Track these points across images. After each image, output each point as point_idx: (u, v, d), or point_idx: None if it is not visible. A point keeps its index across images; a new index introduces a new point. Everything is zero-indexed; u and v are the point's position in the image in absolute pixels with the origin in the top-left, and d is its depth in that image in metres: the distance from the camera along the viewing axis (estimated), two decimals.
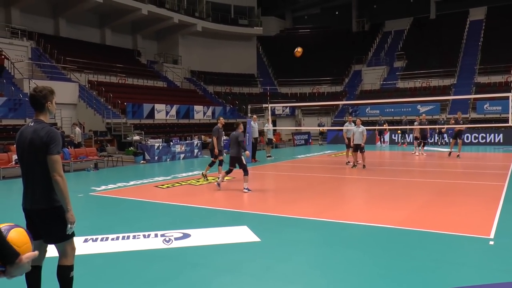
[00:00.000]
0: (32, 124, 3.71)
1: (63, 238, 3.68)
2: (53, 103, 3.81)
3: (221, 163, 12.80)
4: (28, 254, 2.17)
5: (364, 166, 15.36)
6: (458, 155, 18.48)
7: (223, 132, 13.74)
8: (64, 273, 3.74)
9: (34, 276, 3.72)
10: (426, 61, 39.15)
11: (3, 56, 24.48)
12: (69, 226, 3.64)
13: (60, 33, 32.91)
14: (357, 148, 15.49)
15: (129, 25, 37.63)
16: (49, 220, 3.62)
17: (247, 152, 11.12)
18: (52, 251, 3.95)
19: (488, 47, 38.21)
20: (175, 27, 38.03)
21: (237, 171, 11.46)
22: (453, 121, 19.12)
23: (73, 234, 3.77)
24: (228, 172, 11.30)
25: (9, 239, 2.15)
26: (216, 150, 12.80)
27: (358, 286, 4.55)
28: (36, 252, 2.26)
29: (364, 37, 47.13)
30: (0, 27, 27.96)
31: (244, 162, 10.85)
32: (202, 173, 13.26)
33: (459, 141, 19.13)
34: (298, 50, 8.02)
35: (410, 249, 5.83)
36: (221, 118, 14.23)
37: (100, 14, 35.36)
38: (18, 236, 2.26)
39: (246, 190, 10.68)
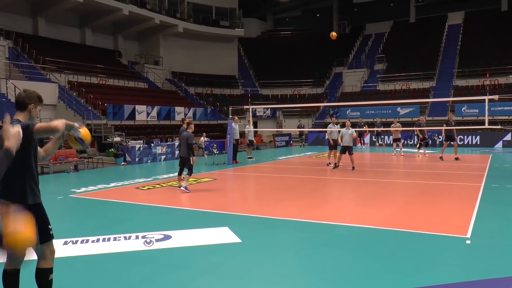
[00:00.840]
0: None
1: (42, 241, 3.58)
2: (37, 109, 3.75)
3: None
4: None
5: (353, 168, 15.34)
6: (456, 158, 18.30)
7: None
8: (43, 276, 3.68)
9: (12, 279, 3.65)
10: (406, 64, 39.73)
11: None
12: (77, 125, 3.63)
13: (39, 32, 32.42)
14: (345, 149, 15.55)
15: (110, 25, 37.27)
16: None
17: (194, 158, 11.15)
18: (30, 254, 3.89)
19: (465, 51, 38.94)
20: (156, 27, 37.80)
21: (217, 173, 11.46)
22: (445, 124, 18.96)
23: (52, 237, 3.72)
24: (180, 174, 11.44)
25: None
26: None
27: (340, 287, 4.60)
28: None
29: (345, 40, 47.52)
30: None
31: (191, 163, 10.95)
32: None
33: (453, 142, 18.69)
34: (333, 34, 8.03)
35: (391, 249, 5.91)
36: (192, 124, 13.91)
37: (80, 13, 34.94)
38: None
39: (183, 189, 10.88)
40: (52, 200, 10.40)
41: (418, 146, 20.87)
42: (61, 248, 6.09)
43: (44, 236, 3.60)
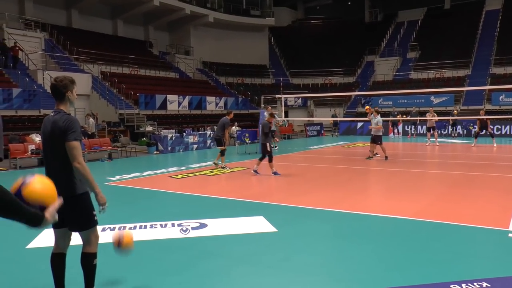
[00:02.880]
0: (52, 115, 3.74)
1: (87, 226, 3.75)
2: (74, 93, 3.83)
3: (223, 153, 13.49)
4: (51, 210, 2.18)
5: (386, 157, 15.08)
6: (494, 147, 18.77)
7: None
8: (88, 260, 3.81)
9: (59, 263, 3.82)
10: (440, 52, 38.68)
11: (17, 48, 24.64)
12: (100, 207, 3.73)
13: (73, 24, 33.09)
14: (373, 139, 15.31)
15: (141, 16, 37.65)
16: (73, 208, 3.65)
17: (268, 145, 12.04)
18: (75, 239, 3.98)
19: (504, 38, 37.53)
20: (187, 18, 37.96)
21: (250, 162, 11.46)
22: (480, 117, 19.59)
23: (96, 222, 3.83)
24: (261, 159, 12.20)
25: (32, 190, 2.13)
26: (227, 142, 13.46)
27: (376, 277, 4.53)
28: (61, 200, 2.28)
29: (377, 28, 46.66)
30: (14, 19, 28.11)
31: (268, 149, 11.88)
32: (221, 166, 13.45)
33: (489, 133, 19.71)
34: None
35: (427, 241, 5.78)
36: (232, 113, 14.65)
37: (112, 5, 35.43)
38: (42, 187, 2.22)
39: (274, 174, 11.81)
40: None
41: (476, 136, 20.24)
42: (100, 234, 6.17)
43: (89, 222, 3.75)
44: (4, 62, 24.34)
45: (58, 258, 3.81)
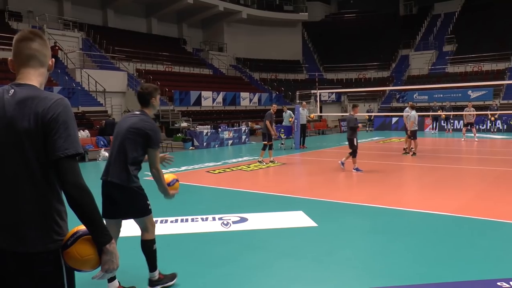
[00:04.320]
0: (138, 113, 4.11)
1: (144, 214, 4.05)
2: (157, 99, 4.21)
3: (270, 147, 13.42)
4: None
5: (414, 153, 14.92)
6: None
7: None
8: (148, 246, 4.10)
9: None
10: (478, 44, 37.61)
11: (57, 47, 25.32)
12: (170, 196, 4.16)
13: (109, 23, 33.81)
14: (409, 134, 15.11)
15: (175, 14, 38.09)
16: (130, 198, 3.92)
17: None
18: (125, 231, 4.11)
19: None
20: (220, 14, 38.17)
21: (286, 158, 11.44)
22: None
23: (151, 211, 4.10)
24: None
25: (77, 245, 1.98)
26: (274, 132, 13.39)
27: (420, 274, 4.50)
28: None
29: (412, 21, 45.77)
30: (54, 19, 28.92)
31: (355, 144, 11.58)
32: (258, 161, 13.53)
33: None
34: None
35: (471, 237, 5.70)
36: (274, 105, 14.77)
37: (146, 4, 35.97)
38: (84, 245, 1.98)
39: (355, 171, 11.43)
40: None
41: None
42: (137, 227, 6.34)
43: (146, 209, 4.05)
44: None
45: None
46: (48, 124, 1.91)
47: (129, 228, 6.30)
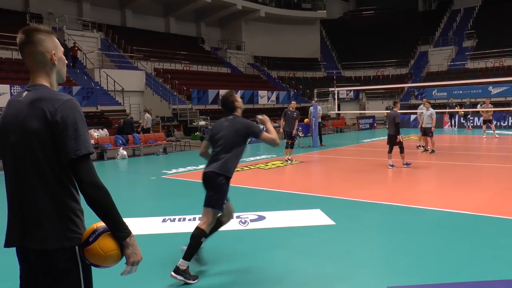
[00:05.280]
0: (231, 118, 4.71)
1: (208, 205, 4.44)
2: (237, 99, 4.81)
3: (292, 145, 13.41)
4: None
5: (433, 151, 14.78)
6: None
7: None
8: (197, 234, 4.36)
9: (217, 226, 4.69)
10: (499, 39, 36.94)
11: (76, 48, 25.67)
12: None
13: (127, 23, 34.13)
14: (426, 132, 14.98)
15: (193, 13, 38.24)
16: (215, 185, 4.41)
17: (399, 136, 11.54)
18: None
19: None
20: (238, 13, 38.21)
21: (303, 156, 11.41)
22: None
23: (221, 209, 4.50)
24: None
25: (99, 241, 2.02)
26: (281, 131, 13.28)
27: (440, 272, 4.47)
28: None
29: (431, 17, 45.19)
30: (73, 20, 29.33)
31: (399, 140, 11.45)
32: (286, 159, 13.48)
33: None
34: None
35: (492, 237, 5.62)
36: (293, 102, 14.72)
37: (164, 3, 36.20)
38: (107, 241, 2.03)
39: (405, 165, 11.62)
40: (146, 180, 11.00)
41: None
42: (160, 225, 6.46)
43: (217, 203, 4.44)
44: None
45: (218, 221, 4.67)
46: (57, 125, 1.95)
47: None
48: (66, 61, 2.23)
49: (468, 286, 4.09)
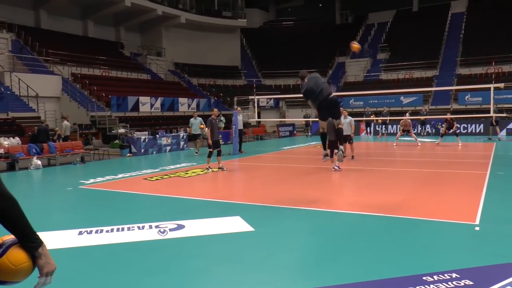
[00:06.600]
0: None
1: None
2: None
3: (219, 153, 13.42)
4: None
5: (352, 157, 15.48)
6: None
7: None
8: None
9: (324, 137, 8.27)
10: (409, 53, 39.55)
11: None
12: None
13: (42, 25, 32.43)
14: (345, 139, 15.65)
15: (112, 17, 37.23)
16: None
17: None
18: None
19: (469, 40, 38.77)
20: (159, 19, 37.74)
21: (223, 163, 11.50)
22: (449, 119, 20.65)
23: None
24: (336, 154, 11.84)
25: (8, 254, 1.92)
26: (210, 141, 13.19)
27: (356, 272, 4.68)
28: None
29: (348, 30, 47.31)
30: None
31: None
32: (207, 167, 13.40)
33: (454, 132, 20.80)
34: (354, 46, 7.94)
35: (401, 236, 6.01)
36: (215, 109, 14.71)
37: (82, 5, 34.94)
38: (17, 254, 1.92)
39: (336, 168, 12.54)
40: (62, 191, 10.54)
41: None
42: (77, 238, 6.22)
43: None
44: None
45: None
46: None
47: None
48: None
49: (379, 284, 4.34)
